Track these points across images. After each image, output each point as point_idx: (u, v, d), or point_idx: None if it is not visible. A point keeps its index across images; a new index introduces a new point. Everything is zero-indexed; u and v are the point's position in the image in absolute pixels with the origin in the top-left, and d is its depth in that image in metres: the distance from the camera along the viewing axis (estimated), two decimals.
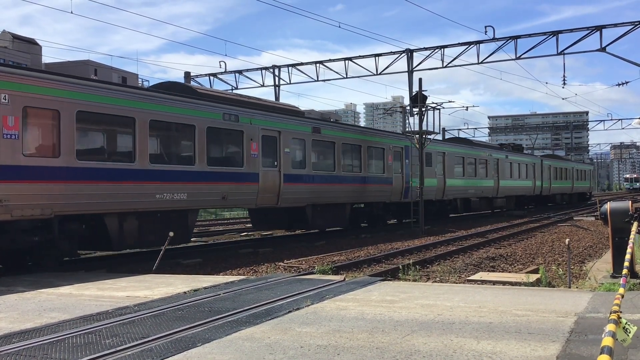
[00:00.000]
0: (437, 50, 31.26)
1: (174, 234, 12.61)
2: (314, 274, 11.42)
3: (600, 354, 2.91)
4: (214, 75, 37.41)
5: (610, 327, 3.37)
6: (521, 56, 29.78)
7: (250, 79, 37.34)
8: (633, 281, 9.18)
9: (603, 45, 27.68)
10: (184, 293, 8.91)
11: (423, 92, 23.83)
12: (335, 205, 21.16)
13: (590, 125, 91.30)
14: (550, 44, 28.93)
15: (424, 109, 23.70)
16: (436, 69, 31.92)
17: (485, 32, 29.46)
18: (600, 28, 27.78)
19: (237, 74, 37.17)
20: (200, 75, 37.97)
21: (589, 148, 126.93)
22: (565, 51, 28.86)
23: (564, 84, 33.26)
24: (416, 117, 23.86)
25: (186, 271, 12.77)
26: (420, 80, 24.37)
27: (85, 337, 6.12)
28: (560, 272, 11.89)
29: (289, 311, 7.29)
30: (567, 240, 11.35)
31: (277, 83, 35.89)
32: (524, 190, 41.07)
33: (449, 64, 31.51)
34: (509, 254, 16.14)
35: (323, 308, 7.52)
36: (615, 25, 27.88)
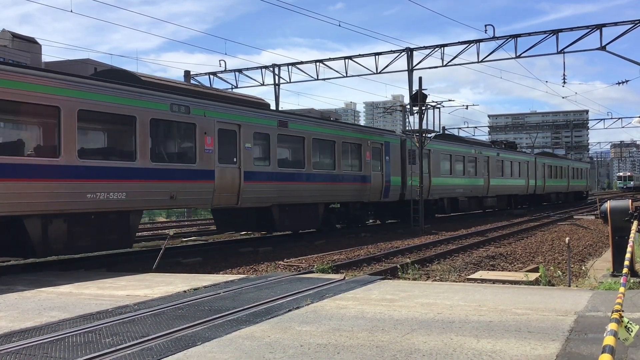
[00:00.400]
0: (437, 49, 31.30)
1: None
2: (314, 272, 11.42)
3: (602, 353, 2.90)
4: (214, 74, 37.44)
5: (612, 326, 3.36)
6: (521, 55, 29.83)
7: (250, 78, 37.40)
8: (633, 280, 9.18)
9: (603, 44, 27.72)
10: (184, 292, 8.90)
11: (423, 91, 23.83)
12: (305, 205, 19.69)
13: (590, 123, 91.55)
14: (550, 42, 29.00)
15: (424, 108, 23.70)
16: (436, 67, 32.02)
17: (485, 31, 29.55)
18: (600, 27, 27.81)
19: (237, 73, 37.22)
20: (200, 74, 38.02)
21: (589, 147, 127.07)
22: (565, 50, 28.93)
23: (564, 82, 33.35)
24: (416, 116, 23.87)
25: (186, 270, 12.78)
26: (420, 79, 24.36)
27: (85, 336, 6.11)
28: (560, 271, 11.90)
29: (289, 310, 7.29)
30: (567, 239, 11.36)
31: (277, 82, 35.92)
32: (516, 189, 39.73)
33: (449, 62, 31.56)
34: (508, 252, 16.15)
35: (323, 307, 7.51)
36: (616, 24, 27.92)
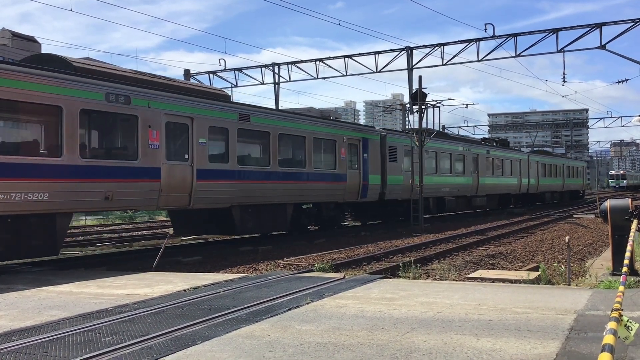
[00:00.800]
0: (437, 47, 31.31)
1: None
2: (314, 271, 11.41)
3: (602, 351, 2.90)
4: (214, 72, 37.47)
5: (612, 325, 3.36)
6: (521, 54, 29.84)
7: (250, 77, 37.43)
8: (633, 279, 9.19)
9: (603, 43, 27.73)
10: (184, 291, 8.90)
11: (423, 90, 23.83)
12: (272, 206, 18.13)
13: (590, 122, 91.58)
14: (550, 41, 29.02)
15: (423, 107, 23.70)
16: (436, 66, 32.06)
17: (485, 30, 29.58)
18: (600, 26, 27.82)
19: (237, 72, 37.25)
20: (200, 72, 38.05)
21: (589, 145, 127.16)
22: (565, 49, 28.95)
23: (564, 81, 33.40)
24: (416, 115, 23.86)
25: (186, 269, 12.77)
26: (420, 77, 24.37)
27: (85, 335, 6.11)
28: (560, 270, 11.90)
29: (289, 309, 7.29)
30: (567, 237, 11.36)
31: (277, 81, 35.93)
32: (507, 189, 38.01)
33: (448, 61, 31.57)
34: (508, 251, 16.15)
35: (323, 306, 7.51)
36: (615, 22, 27.94)
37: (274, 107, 20.78)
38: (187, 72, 36.97)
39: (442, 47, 31.20)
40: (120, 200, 13.45)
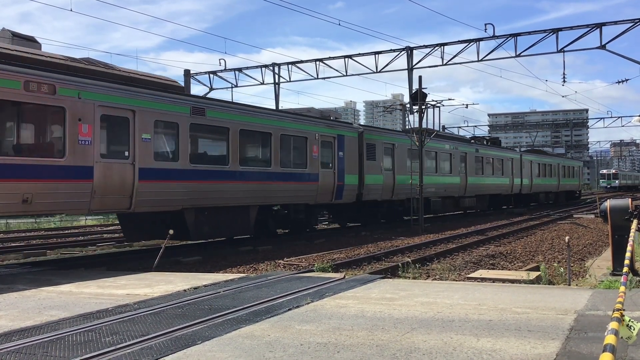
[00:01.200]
0: (437, 47, 31.31)
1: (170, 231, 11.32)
2: (314, 271, 11.41)
3: (603, 351, 2.90)
4: (214, 73, 37.46)
5: (613, 325, 3.35)
6: (521, 54, 29.84)
7: (250, 77, 37.42)
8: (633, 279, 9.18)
9: (603, 43, 27.73)
10: (184, 291, 8.91)
11: (423, 90, 23.82)
12: (232, 209, 16.71)
13: (590, 122, 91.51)
14: (550, 41, 29.01)
15: (424, 107, 23.70)
16: (436, 66, 32.04)
17: (485, 30, 29.57)
18: (600, 26, 27.82)
19: (237, 72, 37.23)
20: (200, 73, 38.03)
21: (589, 146, 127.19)
22: (565, 49, 28.94)
23: (564, 81, 33.37)
24: (416, 115, 23.86)
25: (186, 269, 12.78)
26: (420, 78, 24.36)
27: (85, 335, 6.12)
28: (561, 270, 11.90)
29: (289, 309, 7.29)
30: (567, 237, 11.36)
31: (277, 81, 35.92)
32: (498, 189, 36.56)
33: (448, 61, 31.57)
34: (508, 251, 16.15)
35: (323, 306, 7.51)
36: (615, 22, 27.94)
37: (230, 100, 18.80)
38: (187, 72, 36.97)
39: (442, 47, 31.20)
40: (41, 203, 11.95)
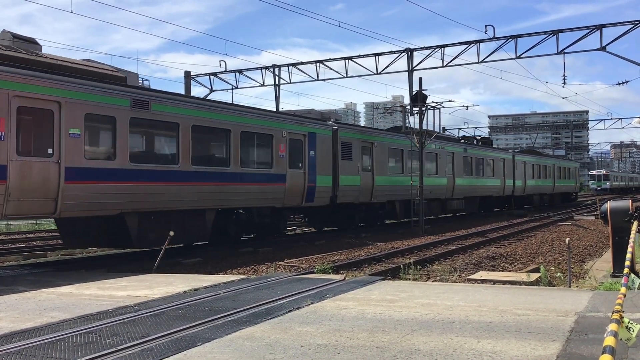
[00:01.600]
0: (437, 49, 31.30)
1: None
2: (314, 273, 11.42)
3: (603, 353, 2.90)
4: (214, 74, 37.45)
5: (613, 327, 3.36)
6: (521, 55, 29.82)
7: (251, 79, 37.41)
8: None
9: (603, 45, 27.71)
10: (184, 292, 8.90)
11: (423, 92, 23.83)
12: (184, 213, 15.23)
13: (590, 124, 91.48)
14: (551, 43, 29.02)
15: (424, 109, 23.71)
16: (436, 68, 32.00)
17: (486, 31, 29.53)
18: (600, 27, 27.81)
19: (237, 74, 37.21)
20: (201, 74, 38.02)
21: (589, 147, 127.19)
22: (566, 50, 28.92)
23: (564, 83, 33.31)
24: (416, 117, 23.86)
25: (186, 270, 12.77)
26: (420, 79, 24.36)
27: (85, 337, 6.12)
28: (561, 272, 11.90)
29: (289, 310, 7.29)
30: (567, 239, 11.36)
31: (277, 82, 35.91)
32: (489, 190, 35.00)
33: (449, 63, 31.55)
34: (509, 253, 16.15)
35: (323, 307, 7.51)
36: (616, 24, 27.93)
37: (182, 93, 16.62)
38: (188, 74, 37.00)
39: (443, 49, 31.19)
40: None
